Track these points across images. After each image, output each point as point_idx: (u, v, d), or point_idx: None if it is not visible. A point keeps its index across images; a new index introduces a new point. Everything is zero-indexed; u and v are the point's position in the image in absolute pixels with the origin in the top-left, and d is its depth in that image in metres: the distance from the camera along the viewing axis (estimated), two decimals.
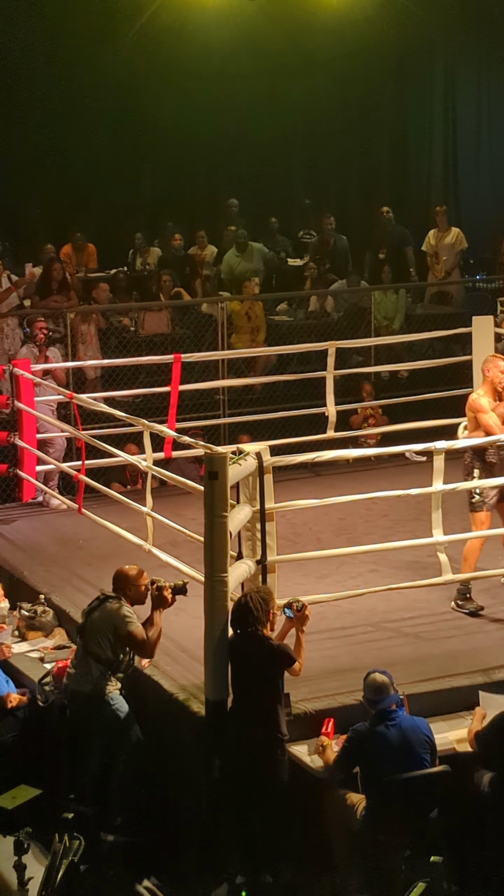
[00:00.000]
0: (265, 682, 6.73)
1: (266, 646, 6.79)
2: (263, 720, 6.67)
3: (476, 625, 8.31)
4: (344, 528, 10.15)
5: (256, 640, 6.79)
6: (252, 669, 6.76)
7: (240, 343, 13.22)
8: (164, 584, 7.37)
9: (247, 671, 6.77)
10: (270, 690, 6.74)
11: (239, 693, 6.79)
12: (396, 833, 6.42)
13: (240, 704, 6.77)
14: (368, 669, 6.75)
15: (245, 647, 6.82)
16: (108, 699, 7.24)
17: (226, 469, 7.01)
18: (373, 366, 13.20)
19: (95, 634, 7.28)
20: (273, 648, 6.80)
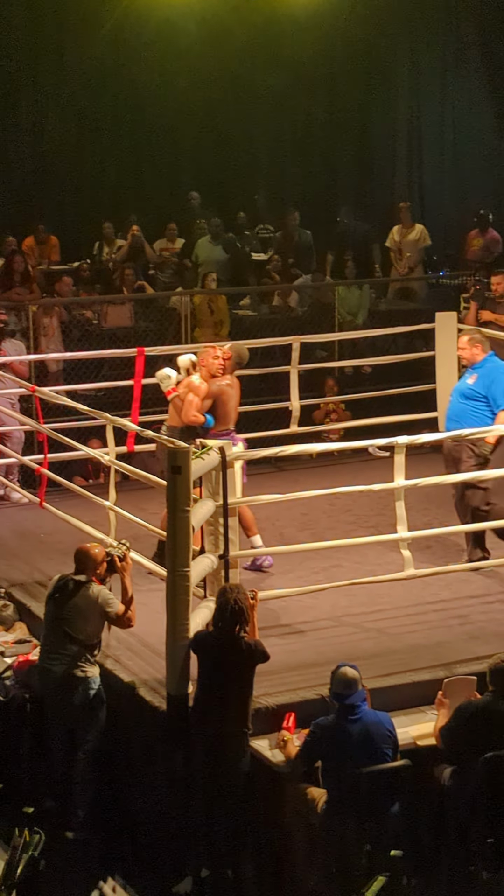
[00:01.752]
0: (238, 679, 6.73)
1: (242, 643, 6.78)
2: (231, 715, 6.67)
3: (438, 619, 8.34)
4: (307, 523, 10.16)
5: (232, 636, 6.79)
6: (225, 665, 6.75)
7: (203, 337, 13.20)
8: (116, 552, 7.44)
9: (219, 667, 6.76)
10: (242, 687, 6.74)
11: (208, 688, 6.77)
12: (357, 827, 6.44)
13: (208, 699, 6.75)
14: (331, 664, 6.76)
15: (218, 643, 6.82)
16: (89, 680, 7.23)
17: (189, 463, 7.00)
18: (336, 361, 13.21)
19: (77, 619, 7.27)
20: (249, 646, 6.80)
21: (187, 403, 8.86)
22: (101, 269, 15.00)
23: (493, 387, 9.04)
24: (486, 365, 9.22)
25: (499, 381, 9.04)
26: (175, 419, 8.97)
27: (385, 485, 8.25)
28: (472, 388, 9.13)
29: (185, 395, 8.91)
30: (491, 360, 9.26)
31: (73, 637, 7.25)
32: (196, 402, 8.85)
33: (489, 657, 6.93)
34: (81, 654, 7.25)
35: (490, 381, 9.07)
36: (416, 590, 8.63)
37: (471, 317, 12.34)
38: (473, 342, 9.31)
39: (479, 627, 8.19)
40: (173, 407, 9.02)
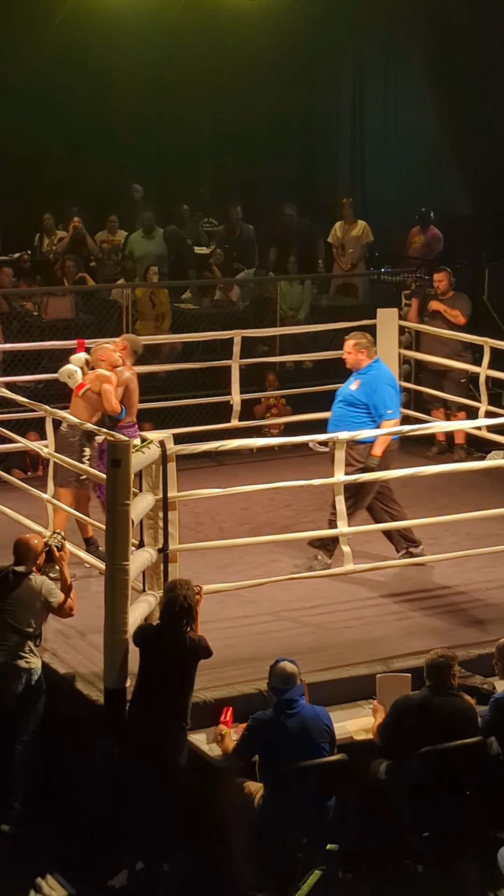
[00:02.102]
0: (179, 674, 6.72)
1: (185, 639, 6.78)
2: (171, 710, 6.66)
3: (376, 615, 8.38)
4: (246, 518, 10.16)
5: (176, 632, 6.78)
6: (167, 660, 6.73)
7: (144, 330, 13.16)
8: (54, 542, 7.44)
9: (161, 662, 6.74)
10: (183, 682, 6.73)
11: (148, 682, 6.75)
12: (293, 821, 6.45)
13: (148, 693, 6.73)
14: (269, 658, 6.77)
15: (162, 637, 6.81)
16: (32, 671, 7.20)
17: (129, 457, 6.98)
18: (278, 356, 13.23)
19: (20, 610, 7.23)
20: (193, 642, 6.79)
21: (107, 393, 8.89)
22: (42, 260, 14.91)
23: (374, 396, 8.91)
24: (369, 372, 9.07)
25: (380, 391, 8.92)
26: (83, 414, 8.93)
27: (325, 480, 8.28)
28: (353, 395, 9.02)
29: (98, 388, 8.92)
30: (375, 367, 9.12)
31: (15, 628, 7.21)
32: (114, 391, 8.89)
33: (426, 652, 6.98)
34: (24, 644, 7.21)
35: (372, 389, 8.94)
36: (354, 585, 8.67)
37: (412, 313, 12.43)
38: (359, 347, 9.15)
39: (416, 623, 8.24)
40: (86, 402, 8.99)
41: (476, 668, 7.50)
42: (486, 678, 7.36)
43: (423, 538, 9.56)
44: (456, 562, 8.98)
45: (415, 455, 11.98)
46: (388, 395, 8.95)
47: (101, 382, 8.94)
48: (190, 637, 6.80)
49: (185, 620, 6.81)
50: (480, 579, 8.93)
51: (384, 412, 8.89)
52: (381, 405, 8.91)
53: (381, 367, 9.17)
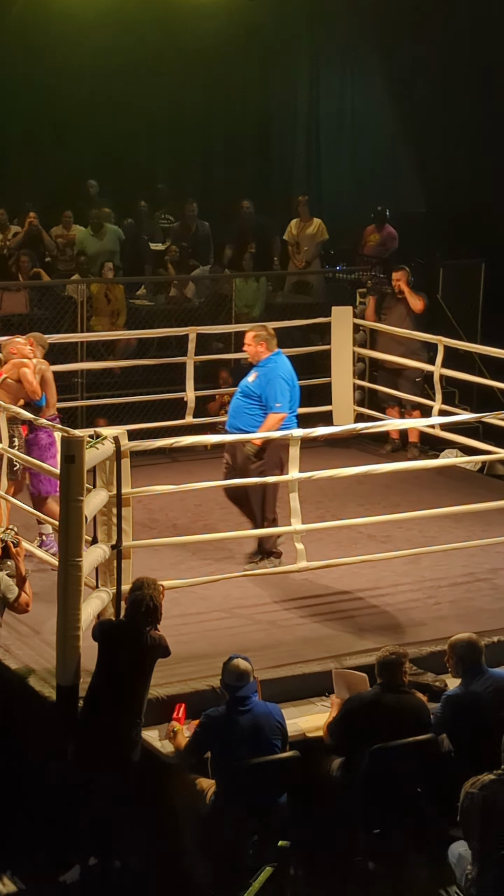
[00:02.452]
0: (139, 672, 6.71)
1: (146, 637, 6.77)
2: (126, 707, 6.65)
3: (329, 612, 8.40)
4: (200, 515, 10.16)
5: (136, 630, 6.77)
6: (127, 658, 6.72)
7: (99, 326, 13.13)
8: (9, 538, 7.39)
9: (120, 659, 6.73)
10: (142, 680, 6.72)
11: (105, 678, 6.73)
12: (245, 818, 6.46)
13: (104, 690, 6.71)
14: (222, 655, 6.77)
15: (124, 635, 6.80)
16: None
17: (83, 453, 6.96)
18: (232, 353, 13.22)
19: None
20: (154, 640, 6.78)
21: (26, 375, 8.95)
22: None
23: (267, 388, 8.86)
24: (267, 364, 9.01)
25: (273, 383, 8.87)
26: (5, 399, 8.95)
27: (279, 477, 8.29)
28: (249, 387, 8.98)
29: (17, 375, 8.96)
30: (273, 360, 9.04)
31: None
32: (33, 375, 8.93)
33: (378, 649, 7.00)
34: None
35: (266, 381, 8.90)
36: (308, 582, 8.68)
37: (370, 311, 12.46)
38: (258, 339, 9.08)
39: (369, 620, 8.27)
40: (5, 390, 9.01)
41: (428, 665, 7.54)
42: (438, 675, 7.41)
43: (377, 536, 9.62)
44: (409, 559, 9.02)
45: (369, 453, 12.04)
46: (279, 389, 8.86)
47: (20, 368, 8.99)
48: (151, 636, 6.78)
49: (149, 620, 6.80)
50: (433, 577, 8.98)
51: (273, 405, 8.82)
52: (271, 398, 8.83)
53: (279, 361, 9.07)
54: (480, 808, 5.89)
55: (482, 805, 5.88)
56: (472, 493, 10.32)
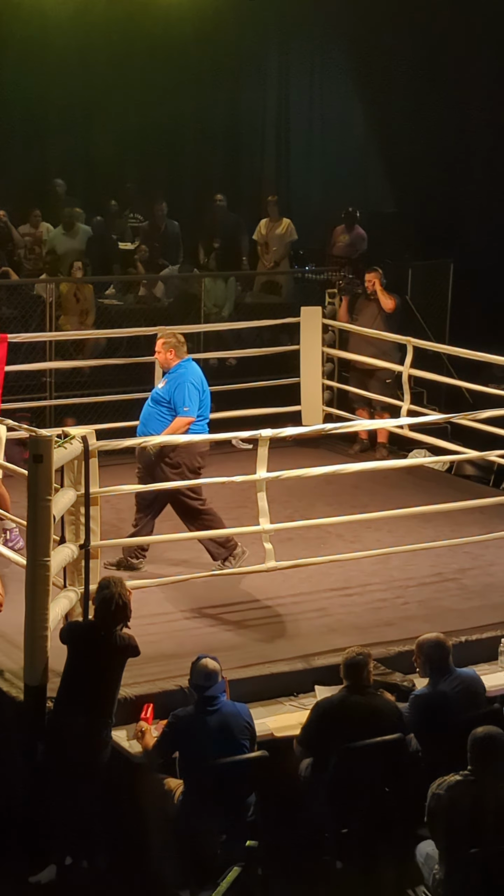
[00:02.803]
0: (109, 672, 6.70)
1: (116, 638, 6.75)
2: (96, 708, 6.63)
3: (297, 612, 8.40)
4: (168, 514, 10.10)
5: (105, 630, 6.76)
6: (98, 658, 6.71)
7: (68, 325, 13.09)
8: None
9: (90, 660, 6.71)
10: (112, 680, 6.71)
11: (75, 679, 6.70)
12: (213, 818, 6.46)
13: (75, 690, 6.68)
14: (191, 655, 6.77)
15: (93, 635, 6.78)
16: None
17: (51, 452, 6.94)
18: (202, 352, 13.20)
19: None
20: (123, 640, 6.77)
21: None
22: None
23: (176, 393, 8.86)
24: (177, 371, 9.02)
25: (181, 388, 8.86)
26: None
27: (247, 477, 8.29)
28: (159, 393, 8.99)
29: None
30: (183, 367, 9.04)
31: None
32: None
33: (346, 649, 7.00)
34: None
35: (175, 387, 8.89)
36: (276, 582, 8.69)
37: (342, 312, 12.46)
38: (167, 346, 9.09)
39: (338, 620, 8.28)
40: None
41: (396, 665, 7.55)
42: (406, 675, 7.42)
43: (346, 535, 9.62)
44: (377, 559, 9.03)
45: (337, 453, 12.06)
46: (188, 393, 8.84)
47: None
48: (120, 636, 6.77)
49: (119, 617, 6.78)
50: (401, 576, 9.00)
51: (181, 410, 8.81)
52: (179, 402, 8.83)
53: (189, 367, 9.07)
54: (447, 809, 5.90)
55: (448, 806, 5.90)
56: (441, 494, 10.35)
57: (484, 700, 7.10)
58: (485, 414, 9.16)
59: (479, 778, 5.93)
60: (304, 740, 6.78)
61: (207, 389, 9.14)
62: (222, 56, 18.19)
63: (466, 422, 9.92)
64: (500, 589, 8.88)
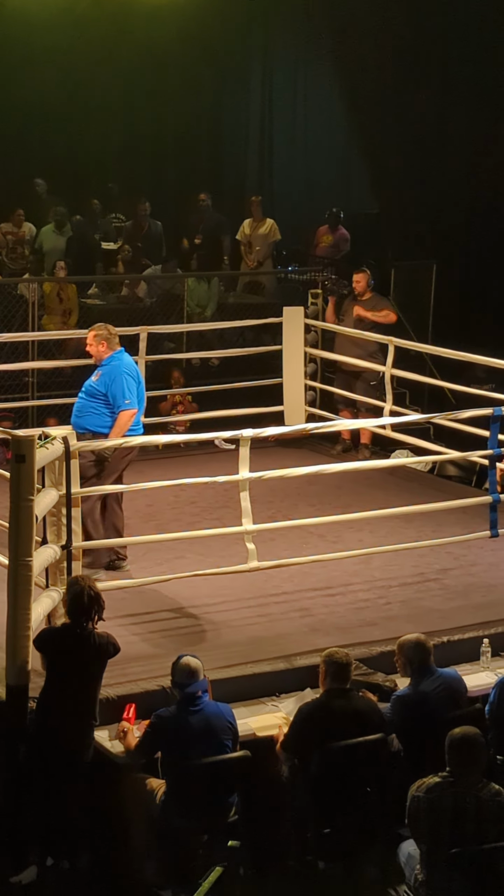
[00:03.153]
0: (88, 674, 6.69)
1: (93, 637, 6.74)
2: (80, 708, 6.62)
3: (280, 612, 8.41)
4: (151, 515, 10.14)
5: (81, 630, 6.74)
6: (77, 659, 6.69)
7: (51, 325, 13.07)
8: None
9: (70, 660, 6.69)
10: (93, 680, 6.70)
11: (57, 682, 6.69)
12: (195, 818, 6.45)
13: (57, 692, 6.67)
14: (173, 655, 6.76)
15: (66, 639, 6.77)
16: None
17: (33, 452, 6.93)
18: (184, 353, 13.22)
19: None
20: (102, 639, 6.75)
21: None
22: None
23: (112, 386, 8.72)
24: (110, 363, 8.87)
25: (118, 381, 8.72)
26: None
27: (230, 477, 8.29)
28: (93, 386, 8.84)
29: None
30: (116, 358, 8.89)
31: None
32: None
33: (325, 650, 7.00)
34: None
35: (110, 380, 8.75)
36: (258, 582, 8.69)
37: (329, 312, 12.44)
38: (99, 339, 8.94)
39: (320, 620, 8.29)
40: None
41: (378, 665, 7.56)
42: (388, 675, 7.43)
43: (328, 536, 9.63)
44: (360, 559, 9.04)
45: (320, 453, 12.08)
46: (125, 385, 8.72)
47: None
48: (97, 635, 6.77)
49: (94, 609, 6.78)
50: (384, 577, 9.01)
51: (122, 402, 8.68)
52: (118, 395, 8.70)
53: (122, 358, 8.94)
54: (427, 811, 5.91)
55: (428, 808, 5.91)
56: (423, 494, 10.38)
57: (465, 700, 7.11)
58: (466, 414, 9.18)
59: (457, 779, 5.94)
60: (288, 746, 6.78)
61: (142, 381, 9.00)
62: (206, 57, 18.21)
63: (448, 422, 9.94)
64: (482, 589, 8.91)
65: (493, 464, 9.13)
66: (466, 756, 5.95)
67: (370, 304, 12.12)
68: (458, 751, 5.97)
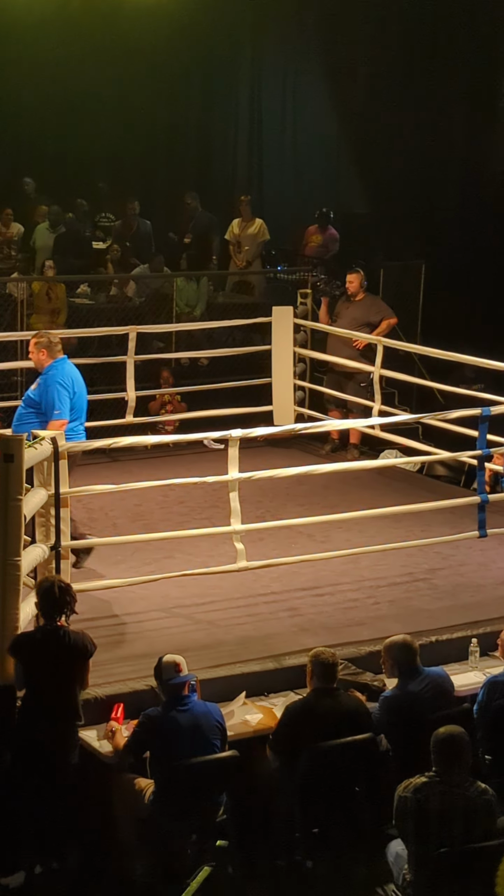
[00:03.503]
0: (67, 674, 6.66)
1: (68, 637, 6.71)
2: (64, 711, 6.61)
3: (268, 611, 8.41)
4: (140, 514, 10.14)
5: (56, 630, 6.73)
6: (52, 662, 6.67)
7: (39, 324, 13.04)
8: None
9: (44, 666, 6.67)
10: (73, 681, 6.67)
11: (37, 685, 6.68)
12: (183, 817, 6.46)
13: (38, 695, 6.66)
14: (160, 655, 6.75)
15: (39, 641, 6.74)
16: None
17: (22, 452, 6.92)
18: (173, 352, 13.21)
19: None
20: (76, 637, 6.73)
21: None
22: None
23: (46, 395, 8.55)
24: (49, 372, 8.69)
25: (50, 390, 8.55)
26: None
27: (219, 477, 8.29)
28: (30, 395, 8.71)
29: None
30: (54, 367, 8.68)
31: None
32: None
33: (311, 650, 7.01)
34: None
35: (45, 389, 8.59)
36: (247, 582, 8.69)
37: (322, 313, 12.43)
38: (39, 346, 8.78)
39: (309, 619, 8.29)
40: None
41: (366, 664, 7.57)
42: (377, 675, 7.43)
43: (317, 536, 9.64)
44: (348, 559, 9.05)
45: (309, 453, 12.08)
46: (57, 396, 8.53)
47: None
48: (73, 634, 6.74)
49: (66, 602, 6.75)
50: (372, 577, 9.01)
51: (51, 413, 8.49)
52: (49, 405, 8.51)
53: (60, 367, 8.74)
54: (414, 811, 5.92)
55: (416, 808, 5.92)
56: (412, 494, 10.39)
57: (453, 699, 7.12)
58: (455, 414, 9.19)
59: (444, 778, 5.95)
60: (276, 745, 6.79)
61: (82, 389, 8.79)
62: (196, 57, 18.20)
63: (437, 422, 9.95)
64: (471, 589, 8.92)
65: (482, 464, 9.15)
66: (452, 755, 5.97)
67: (364, 305, 12.11)
68: (444, 750, 5.98)
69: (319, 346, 12.54)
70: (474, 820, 5.88)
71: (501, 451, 9.54)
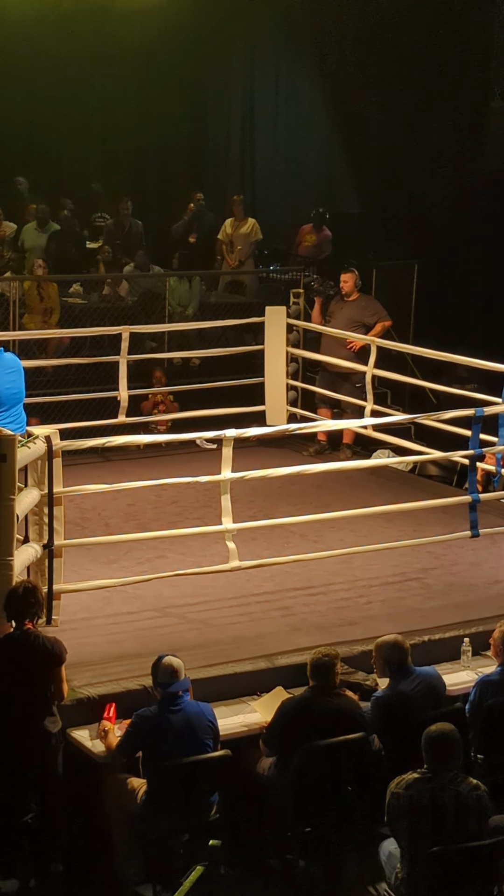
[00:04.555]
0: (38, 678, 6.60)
1: (39, 641, 6.64)
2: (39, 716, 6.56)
3: (261, 611, 8.41)
4: (133, 514, 10.14)
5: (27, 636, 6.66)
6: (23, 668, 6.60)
7: (32, 324, 13.05)
8: None
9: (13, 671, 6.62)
10: (45, 685, 6.60)
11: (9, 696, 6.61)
12: (176, 817, 6.46)
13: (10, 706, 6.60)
14: (154, 655, 6.75)
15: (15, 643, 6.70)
16: None
17: (14, 451, 6.92)
18: (166, 352, 13.21)
19: None
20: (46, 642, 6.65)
21: None
22: None
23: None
24: None
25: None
26: None
27: (212, 477, 8.29)
28: None
29: None
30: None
31: None
32: None
33: (311, 649, 7.02)
34: None
35: None
36: (240, 581, 8.69)
37: (316, 313, 12.41)
38: None
39: (301, 619, 8.30)
40: None
41: (359, 664, 7.57)
42: (369, 674, 7.44)
43: (309, 535, 9.64)
44: (340, 559, 9.05)
45: (301, 452, 12.08)
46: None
47: None
48: (41, 639, 6.65)
49: (32, 602, 6.67)
50: (364, 576, 9.02)
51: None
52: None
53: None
54: (407, 808, 5.93)
55: (408, 805, 5.93)
56: (404, 494, 10.38)
57: (445, 698, 7.13)
58: (448, 414, 9.20)
59: (435, 775, 5.96)
60: (269, 740, 6.80)
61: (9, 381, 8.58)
62: (189, 56, 18.19)
63: (430, 422, 9.96)
64: (463, 588, 8.93)
65: (475, 464, 9.15)
66: (443, 752, 5.98)
67: (358, 305, 12.08)
68: (435, 747, 6.00)
69: (312, 346, 12.53)
70: (466, 816, 5.90)
71: (493, 450, 9.54)
